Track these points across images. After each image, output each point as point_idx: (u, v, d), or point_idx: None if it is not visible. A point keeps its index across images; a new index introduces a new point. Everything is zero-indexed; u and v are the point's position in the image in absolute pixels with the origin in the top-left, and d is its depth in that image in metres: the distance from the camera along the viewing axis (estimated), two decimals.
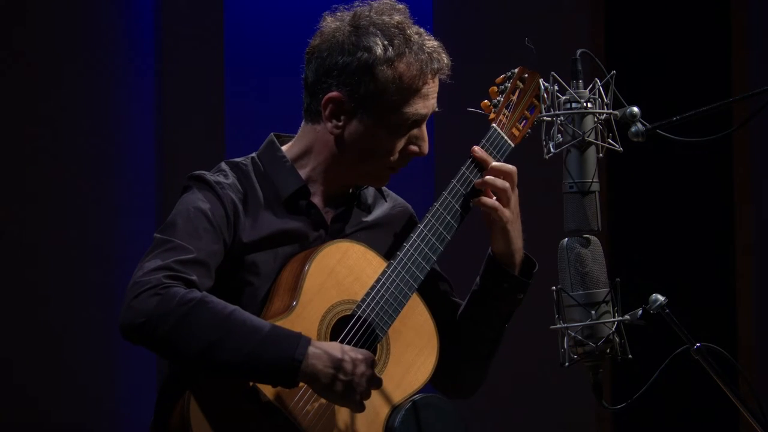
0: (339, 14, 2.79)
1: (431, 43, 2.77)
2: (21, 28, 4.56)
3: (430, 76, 2.75)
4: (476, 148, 2.82)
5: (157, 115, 4.70)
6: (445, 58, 2.78)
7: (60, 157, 4.58)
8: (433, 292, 2.84)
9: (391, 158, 2.78)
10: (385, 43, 2.72)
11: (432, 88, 2.77)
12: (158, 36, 4.70)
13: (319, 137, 2.79)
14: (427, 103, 2.76)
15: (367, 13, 2.76)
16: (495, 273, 2.83)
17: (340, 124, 2.75)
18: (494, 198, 2.80)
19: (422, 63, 2.73)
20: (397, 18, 2.76)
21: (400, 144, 2.77)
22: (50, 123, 4.58)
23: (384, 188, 2.92)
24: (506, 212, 2.79)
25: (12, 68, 4.54)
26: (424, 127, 2.79)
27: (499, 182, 2.79)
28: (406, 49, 2.73)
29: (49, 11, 4.59)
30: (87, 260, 4.59)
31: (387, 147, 2.76)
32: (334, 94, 2.74)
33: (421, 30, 2.79)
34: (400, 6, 2.81)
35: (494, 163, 2.81)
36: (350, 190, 2.85)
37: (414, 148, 2.78)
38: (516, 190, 2.81)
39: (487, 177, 2.79)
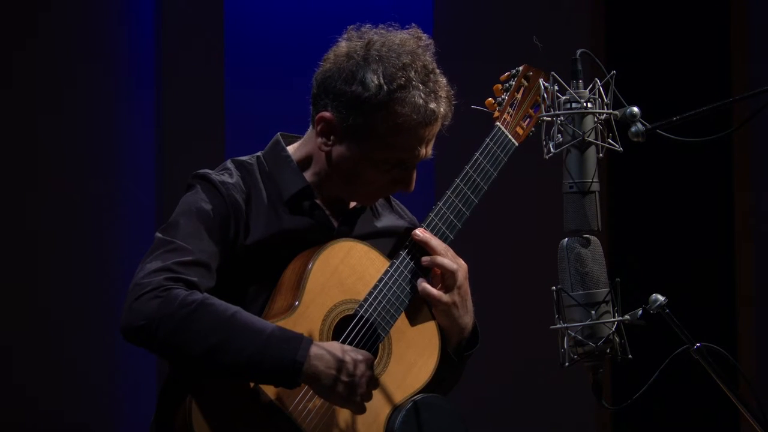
0: (361, 32, 2.74)
1: (434, 87, 2.69)
2: (22, 30, 4.56)
3: (422, 125, 2.68)
4: (417, 231, 2.76)
5: (157, 115, 4.70)
6: (443, 107, 2.70)
7: (60, 157, 4.58)
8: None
9: (376, 188, 2.75)
10: (382, 81, 2.66)
11: (424, 135, 2.70)
12: (158, 36, 4.70)
13: (317, 148, 2.77)
14: (415, 151, 2.70)
15: (380, 46, 2.69)
16: None
17: (329, 143, 2.72)
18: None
19: (416, 109, 2.67)
20: (407, 57, 2.68)
21: (385, 178, 2.73)
22: (50, 123, 4.58)
23: (393, 198, 2.91)
24: (446, 297, 2.75)
25: (13, 68, 4.54)
26: (413, 168, 2.74)
27: (448, 264, 2.74)
28: (403, 92, 2.66)
29: (49, 13, 4.60)
30: (87, 260, 4.60)
31: (370, 177, 2.72)
32: (326, 114, 2.71)
33: (431, 71, 2.70)
34: (422, 38, 2.74)
35: (439, 260, 2.75)
36: None
37: (398, 186, 2.75)
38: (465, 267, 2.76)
39: (437, 259, 2.74)
